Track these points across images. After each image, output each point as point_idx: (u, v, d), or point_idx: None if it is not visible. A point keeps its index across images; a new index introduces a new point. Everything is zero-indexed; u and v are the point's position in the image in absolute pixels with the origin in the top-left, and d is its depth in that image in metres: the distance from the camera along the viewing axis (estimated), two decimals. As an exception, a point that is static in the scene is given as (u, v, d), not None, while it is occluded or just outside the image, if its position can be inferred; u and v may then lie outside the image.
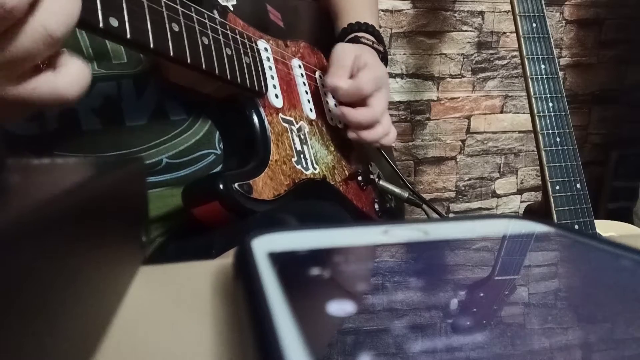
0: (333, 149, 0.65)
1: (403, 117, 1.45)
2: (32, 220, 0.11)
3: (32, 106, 0.31)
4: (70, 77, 0.30)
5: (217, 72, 0.47)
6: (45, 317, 0.11)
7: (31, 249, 0.10)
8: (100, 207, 0.15)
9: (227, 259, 0.19)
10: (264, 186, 0.50)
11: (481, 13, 1.43)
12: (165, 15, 0.41)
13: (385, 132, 0.63)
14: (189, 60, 0.43)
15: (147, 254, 0.21)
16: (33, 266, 0.10)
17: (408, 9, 1.38)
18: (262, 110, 0.54)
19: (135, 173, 0.21)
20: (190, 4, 0.44)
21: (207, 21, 0.47)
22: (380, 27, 1.35)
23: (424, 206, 0.74)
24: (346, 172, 0.65)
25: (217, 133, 0.56)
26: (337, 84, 0.60)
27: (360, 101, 0.62)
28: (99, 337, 0.15)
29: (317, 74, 0.68)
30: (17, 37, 0.27)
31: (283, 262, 0.17)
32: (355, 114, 0.61)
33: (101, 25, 0.34)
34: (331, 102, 0.67)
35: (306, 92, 0.64)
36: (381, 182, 0.70)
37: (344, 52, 0.63)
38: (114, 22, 0.35)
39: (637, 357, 0.13)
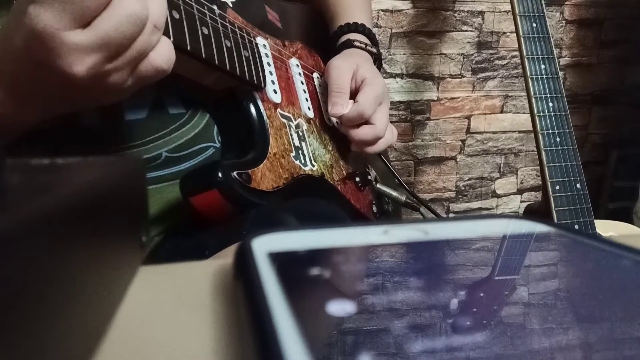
0: (331, 148, 0.65)
1: (403, 117, 1.45)
2: (31, 220, 0.11)
3: (139, 86, 0.39)
4: (166, 52, 0.38)
5: (216, 61, 0.47)
6: (45, 317, 0.11)
7: (30, 249, 0.10)
8: (100, 206, 0.15)
9: (227, 259, 0.19)
10: (263, 177, 0.50)
11: (481, 13, 1.43)
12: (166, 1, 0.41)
13: (387, 143, 0.64)
14: (188, 47, 0.43)
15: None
16: (32, 266, 0.10)
17: (408, 9, 1.38)
18: (260, 103, 0.54)
19: (135, 172, 0.21)
20: None
21: (207, 12, 0.47)
22: (380, 27, 1.36)
23: (422, 209, 0.74)
24: (344, 172, 0.65)
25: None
26: (339, 113, 0.61)
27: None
28: (99, 337, 0.15)
29: (315, 75, 0.68)
30: (140, 38, 0.35)
31: (283, 262, 0.17)
32: (360, 134, 0.61)
33: None
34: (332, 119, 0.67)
35: (304, 91, 0.64)
36: (379, 185, 0.70)
37: (341, 73, 0.62)
38: None
39: (637, 357, 0.13)
